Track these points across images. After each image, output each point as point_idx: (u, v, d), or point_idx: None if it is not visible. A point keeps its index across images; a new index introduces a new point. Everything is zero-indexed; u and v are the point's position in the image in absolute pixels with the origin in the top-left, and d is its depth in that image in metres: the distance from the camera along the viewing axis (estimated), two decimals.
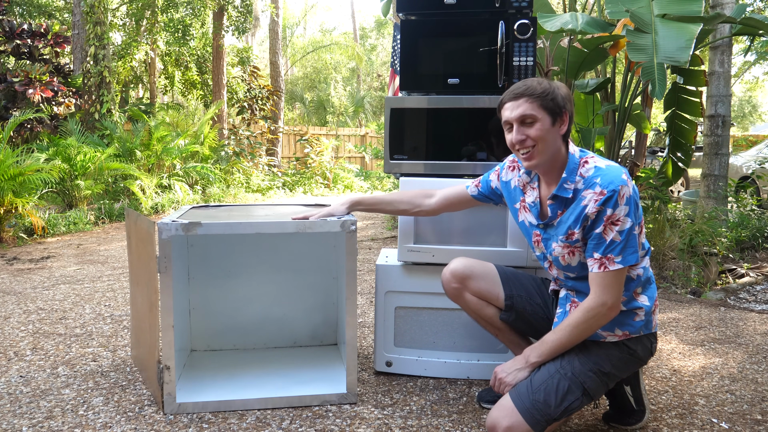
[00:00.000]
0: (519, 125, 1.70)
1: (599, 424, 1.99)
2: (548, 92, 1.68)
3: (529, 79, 1.73)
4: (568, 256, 1.74)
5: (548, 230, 1.79)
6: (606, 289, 1.65)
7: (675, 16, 3.70)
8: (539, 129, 1.68)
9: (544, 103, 1.68)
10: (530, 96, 1.68)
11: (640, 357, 1.76)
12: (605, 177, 1.65)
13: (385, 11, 5.62)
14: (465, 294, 2.01)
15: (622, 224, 1.63)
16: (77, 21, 10.43)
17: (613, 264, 1.64)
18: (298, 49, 26.07)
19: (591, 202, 1.65)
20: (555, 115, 1.69)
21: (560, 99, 1.69)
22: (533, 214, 1.83)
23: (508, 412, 1.64)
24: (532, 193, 1.85)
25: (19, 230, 5.94)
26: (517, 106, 1.69)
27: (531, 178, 1.86)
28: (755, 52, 14.18)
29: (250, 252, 2.58)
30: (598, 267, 1.65)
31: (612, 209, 1.63)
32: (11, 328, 3.04)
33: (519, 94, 1.70)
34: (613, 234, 1.63)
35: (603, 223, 1.64)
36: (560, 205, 1.75)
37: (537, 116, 1.68)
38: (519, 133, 1.70)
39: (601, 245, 1.65)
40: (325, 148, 13.01)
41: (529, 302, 1.97)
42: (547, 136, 1.69)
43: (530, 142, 1.69)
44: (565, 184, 1.71)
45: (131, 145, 8.69)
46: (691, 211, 5.81)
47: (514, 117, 1.70)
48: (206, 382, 2.23)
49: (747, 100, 28.36)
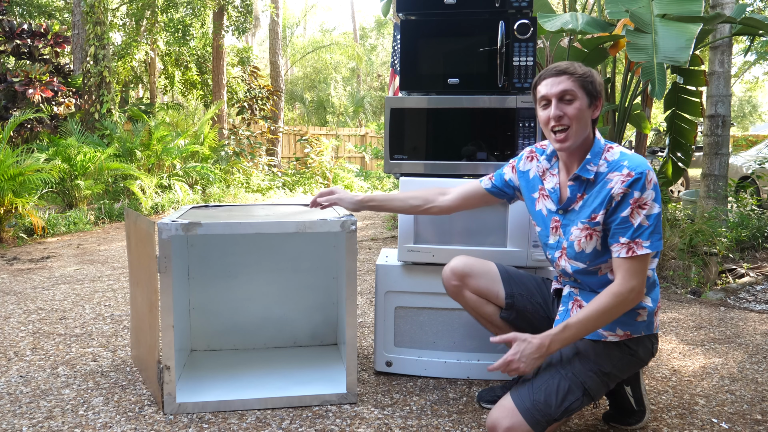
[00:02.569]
0: (558, 101, 1.69)
1: (599, 424, 1.99)
2: (588, 75, 1.70)
3: (566, 61, 1.74)
4: (585, 240, 1.72)
5: (568, 215, 1.77)
6: (634, 275, 1.63)
7: (675, 16, 3.70)
8: (577, 108, 1.68)
9: (584, 84, 1.69)
10: (572, 75, 1.68)
11: (641, 357, 1.75)
12: (632, 161, 1.66)
13: (385, 11, 5.62)
14: (465, 292, 2.00)
15: (649, 208, 1.62)
16: (77, 21, 10.43)
17: (641, 248, 1.62)
18: (298, 49, 26.07)
19: (618, 183, 1.64)
20: (592, 97, 1.70)
21: (597, 83, 1.71)
22: (552, 200, 1.82)
23: (509, 413, 1.64)
24: (551, 179, 1.84)
25: (19, 230, 5.94)
26: (558, 82, 1.69)
27: (551, 165, 1.85)
28: (755, 52, 14.18)
29: (250, 252, 2.58)
30: (626, 252, 1.63)
31: (640, 192, 1.62)
32: (11, 328, 3.04)
33: (561, 71, 1.70)
34: (641, 218, 1.62)
35: (630, 206, 1.63)
36: (580, 187, 1.74)
37: (577, 95, 1.68)
38: (557, 108, 1.68)
39: (628, 229, 1.63)
40: (325, 148, 13.01)
41: (529, 301, 1.96)
42: (582, 117, 1.69)
43: (566, 120, 1.68)
44: (588, 166, 1.71)
45: (131, 145, 8.69)
46: (691, 211, 5.81)
47: (555, 92, 1.69)
48: (206, 382, 2.23)
49: (747, 100, 28.36)
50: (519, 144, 2.30)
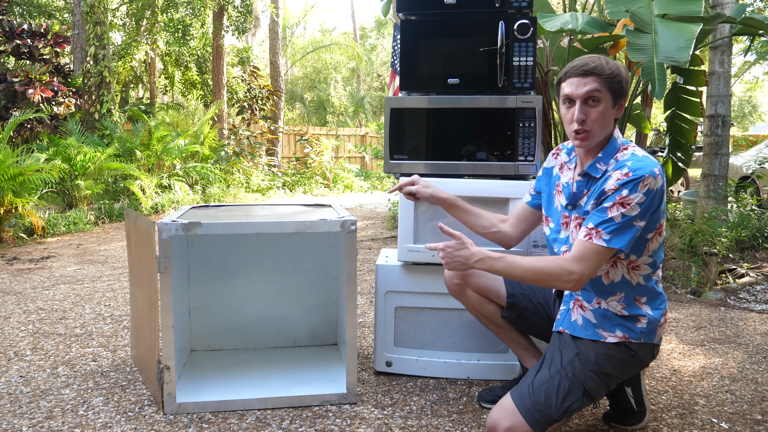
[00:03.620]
0: (582, 103, 1.65)
1: (599, 424, 1.99)
2: (615, 74, 1.64)
3: (594, 56, 1.67)
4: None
5: (576, 210, 1.76)
6: (581, 260, 1.61)
7: (675, 16, 3.70)
8: (601, 111, 1.64)
9: (611, 85, 1.64)
10: (599, 75, 1.63)
11: (641, 359, 1.74)
12: (637, 162, 1.62)
13: (385, 11, 5.62)
14: (467, 291, 2.00)
15: (629, 209, 1.58)
16: (77, 21, 10.43)
17: (599, 239, 1.59)
18: (298, 49, 26.07)
19: (612, 180, 1.62)
20: (617, 97, 1.66)
21: (624, 82, 1.66)
22: (565, 195, 1.81)
23: (509, 413, 1.64)
24: (567, 173, 1.83)
25: (19, 230, 5.94)
26: (584, 83, 1.63)
27: (570, 159, 1.84)
28: (755, 52, 14.17)
29: (250, 252, 2.58)
30: (585, 235, 1.62)
31: (628, 191, 1.58)
32: (11, 328, 3.04)
33: (588, 71, 1.63)
34: (616, 213, 1.59)
35: (614, 200, 1.60)
36: (587, 183, 1.73)
37: (602, 97, 1.63)
38: (581, 111, 1.65)
39: (600, 217, 1.61)
40: (325, 148, 13.01)
41: (530, 300, 1.96)
42: (605, 119, 1.65)
43: (589, 124, 1.65)
44: (598, 164, 1.69)
45: (131, 145, 8.69)
46: (691, 211, 5.81)
47: (580, 94, 1.64)
48: (206, 382, 2.23)
49: (747, 100, 28.35)
50: (519, 144, 2.30)
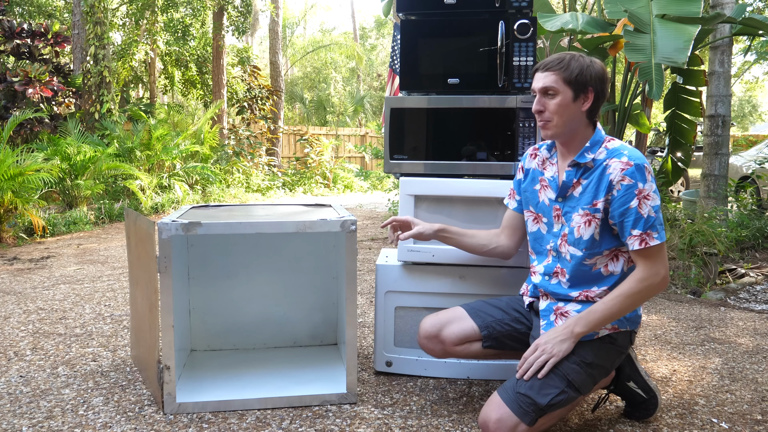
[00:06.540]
0: (541, 96, 1.77)
1: (599, 424, 1.99)
2: (576, 68, 1.73)
3: (569, 53, 1.78)
4: (584, 226, 1.76)
5: (567, 201, 1.81)
6: (655, 261, 1.69)
7: (674, 16, 3.70)
8: (557, 103, 1.74)
9: (568, 78, 1.73)
10: (558, 70, 1.74)
11: (620, 345, 1.80)
12: (632, 152, 1.72)
13: (385, 11, 5.62)
14: (449, 348, 2.00)
15: (653, 200, 1.68)
16: (77, 21, 10.43)
17: (653, 240, 1.68)
18: (298, 48, 26.07)
19: (617, 170, 1.69)
20: (578, 91, 1.74)
21: (587, 76, 1.73)
22: (552, 188, 1.86)
23: (496, 406, 1.68)
24: (551, 168, 1.89)
25: (19, 230, 5.94)
26: (543, 77, 1.76)
27: (551, 155, 1.90)
28: (755, 52, 14.16)
29: (250, 252, 2.58)
30: (639, 243, 1.68)
31: (642, 183, 1.68)
32: (11, 328, 3.04)
33: (547, 66, 1.76)
34: (646, 210, 1.68)
35: (636, 197, 1.68)
36: (577, 172, 1.78)
37: (558, 90, 1.74)
38: (538, 103, 1.78)
39: (639, 221, 1.68)
40: (325, 147, 13.02)
41: (500, 324, 1.97)
42: (564, 111, 1.75)
43: (547, 115, 1.76)
44: (586, 153, 1.77)
45: (131, 144, 8.68)
46: (691, 211, 5.81)
47: (538, 87, 1.77)
48: (206, 382, 2.23)
49: (747, 100, 28.35)
50: (519, 144, 2.30)
